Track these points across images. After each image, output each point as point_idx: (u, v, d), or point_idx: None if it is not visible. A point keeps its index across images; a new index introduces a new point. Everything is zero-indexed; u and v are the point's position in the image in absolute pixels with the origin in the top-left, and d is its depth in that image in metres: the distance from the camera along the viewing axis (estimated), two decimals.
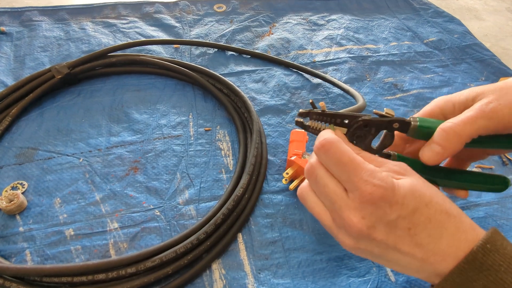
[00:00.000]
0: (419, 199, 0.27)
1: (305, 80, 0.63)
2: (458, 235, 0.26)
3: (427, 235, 0.27)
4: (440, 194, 0.28)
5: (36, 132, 0.51)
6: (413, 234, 0.27)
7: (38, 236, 0.41)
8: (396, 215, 0.26)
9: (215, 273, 0.39)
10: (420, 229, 0.27)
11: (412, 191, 0.27)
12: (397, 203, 0.26)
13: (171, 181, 0.47)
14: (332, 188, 0.29)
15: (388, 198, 0.26)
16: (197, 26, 0.73)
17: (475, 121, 0.30)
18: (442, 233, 0.26)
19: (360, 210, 0.27)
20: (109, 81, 0.60)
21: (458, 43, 0.74)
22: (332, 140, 0.28)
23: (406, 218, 0.26)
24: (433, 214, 0.27)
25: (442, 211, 0.27)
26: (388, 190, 0.26)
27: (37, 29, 0.68)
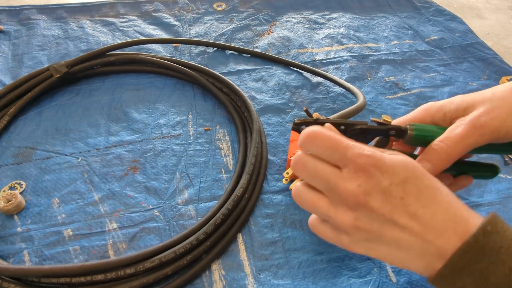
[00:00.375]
0: (410, 170, 0.28)
1: (306, 79, 0.63)
2: (453, 210, 0.27)
3: (421, 206, 0.27)
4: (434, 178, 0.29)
5: (34, 132, 0.51)
6: (407, 204, 0.27)
7: (36, 237, 0.41)
8: (389, 182, 0.28)
9: (215, 273, 0.39)
10: (413, 199, 0.27)
11: (402, 163, 0.28)
12: (387, 172, 0.28)
13: (170, 181, 0.47)
14: (323, 168, 0.30)
15: (379, 166, 0.28)
16: (197, 24, 0.73)
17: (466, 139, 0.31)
18: (436, 207, 0.27)
19: (356, 179, 0.28)
20: (107, 80, 0.60)
21: (460, 41, 0.74)
22: (317, 129, 0.30)
23: (399, 186, 0.28)
24: (425, 186, 0.28)
25: (434, 187, 0.28)
26: (378, 160, 0.28)
27: (35, 27, 0.68)
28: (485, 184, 0.49)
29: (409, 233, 0.27)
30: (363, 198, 0.28)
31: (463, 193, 0.48)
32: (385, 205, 0.28)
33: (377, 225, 0.28)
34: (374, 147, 0.31)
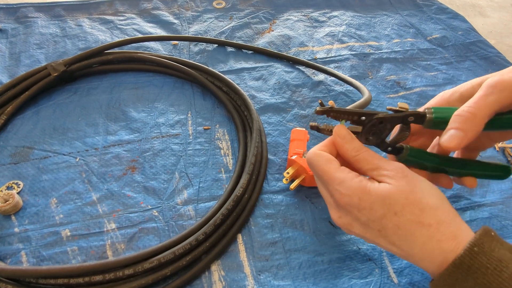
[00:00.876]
0: (388, 206, 0.29)
1: (306, 78, 0.63)
2: (431, 244, 0.28)
3: (398, 240, 0.30)
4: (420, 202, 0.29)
5: (31, 131, 0.51)
6: (385, 236, 0.30)
7: (34, 237, 0.41)
8: (366, 218, 0.30)
9: (215, 274, 0.39)
10: (390, 233, 0.30)
11: (382, 198, 0.29)
12: (364, 209, 0.30)
13: (170, 181, 0.47)
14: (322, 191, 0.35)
15: (355, 205, 0.30)
16: (196, 22, 0.73)
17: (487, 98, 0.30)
18: (413, 240, 0.29)
19: (337, 211, 0.33)
20: (106, 78, 0.60)
21: (462, 40, 0.74)
22: (310, 155, 0.34)
23: (376, 221, 0.30)
24: (403, 222, 0.29)
25: (413, 221, 0.29)
26: (353, 198, 0.30)
27: (32, 25, 0.68)
28: (487, 184, 0.49)
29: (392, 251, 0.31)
30: (345, 226, 0.33)
31: (465, 194, 0.48)
32: (365, 233, 0.32)
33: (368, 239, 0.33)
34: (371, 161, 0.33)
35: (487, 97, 0.30)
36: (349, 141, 0.34)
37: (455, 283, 0.27)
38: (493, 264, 0.26)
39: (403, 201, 0.29)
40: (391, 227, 0.29)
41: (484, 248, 0.26)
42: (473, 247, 0.26)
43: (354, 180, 0.31)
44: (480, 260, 0.26)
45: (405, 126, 0.35)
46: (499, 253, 0.26)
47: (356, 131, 0.35)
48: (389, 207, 0.29)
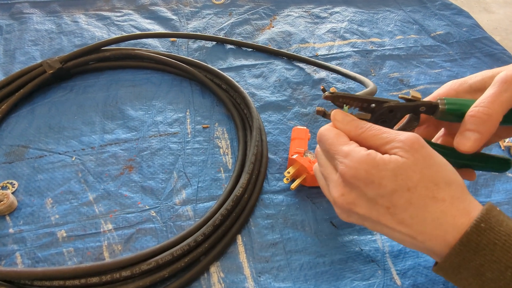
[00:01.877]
0: (400, 181, 0.28)
1: (307, 75, 0.63)
2: (445, 219, 0.27)
3: (409, 216, 0.28)
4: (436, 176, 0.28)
5: (26, 130, 0.51)
6: (393, 213, 0.28)
7: (29, 238, 0.41)
8: (374, 193, 0.28)
9: (214, 276, 0.39)
10: (400, 210, 0.28)
11: (394, 173, 0.28)
12: (373, 183, 0.28)
13: (168, 181, 0.47)
14: (326, 168, 0.33)
15: (362, 177, 0.28)
16: (195, 19, 0.73)
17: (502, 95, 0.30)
18: (425, 216, 0.27)
19: (341, 188, 0.31)
20: (103, 76, 0.59)
21: (467, 36, 0.74)
22: (321, 131, 0.33)
23: (385, 197, 0.28)
24: (416, 198, 0.28)
25: (427, 196, 0.28)
26: (360, 171, 0.28)
27: (27, 22, 0.68)
28: (492, 184, 0.49)
29: (399, 233, 0.29)
30: (347, 206, 0.31)
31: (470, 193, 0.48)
32: (371, 212, 0.30)
33: (368, 223, 0.31)
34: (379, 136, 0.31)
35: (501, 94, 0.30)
36: (349, 121, 0.33)
37: (461, 263, 0.26)
38: (501, 239, 0.25)
39: (418, 176, 0.28)
40: (403, 203, 0.28)
41: (491, 224, 0.26)
42: (479, 223, 0.26)
43: (361, 153, 0.29)
44: (488, 236, 0.25)
45: (415, 116, 0.35)
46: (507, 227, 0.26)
47: (364, 118, 0.34)
48: (401, 182, 0.28)
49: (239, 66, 0.63)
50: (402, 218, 0.28)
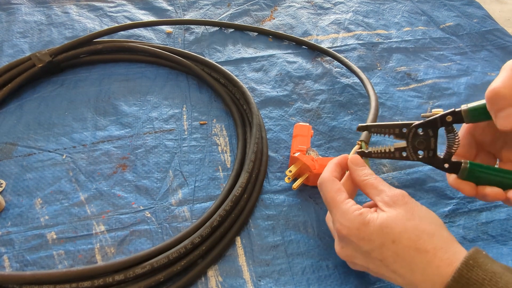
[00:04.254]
0: (386, 236, 0.32)
1: (310, 69, 0.62)
2: (430, 270, 0.30)
3: (400, 267, 0.32)
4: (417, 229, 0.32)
5: (14, 126, 0.51)
6: (386, 265, 0.32)
7: (17, 240, 0.41)
8: (367, 248, 0.33)
9: (211, 280, 0.39)
10: (391, 262, 0.32)
11: (380, 228, 0.32)
12: (363, 239, 0.33)
13: (163, 180, 0.47)
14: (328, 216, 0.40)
15: (354, 235, 0.33)
16: (191, 9, 0.72)
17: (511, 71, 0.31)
18: (413, 268, 0.31)
19: (339, 241, 0.36)
20: (94, 70, 0.59)
21: (478, 28, 0.74)
22: (322, 181, 0.38)
23: (375, 251, 0.33)
24: (401, 250, 0.31)
25: (410, 247, 0.31)
26: (353, 230, 0.33)
27: (16, 13, 0.68)
28: None
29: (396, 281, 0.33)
30: (348, 258, 0.36)
31: None
32: (368, 263, 0.34)
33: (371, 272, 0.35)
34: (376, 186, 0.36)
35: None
36: (361, 168, 0.38)
37: None
38: (488, 275, 0.28)
39: (400, 228, 0.32)
40: (391, 255, 0.32)
41: (478, 262, 0.29)
42: (468, 261, 0.29)
43: (355, 213, 0.34)
44: (477, 272, 0.28)
45: (450, 134, 0.36)
46: (492, 267, 0.29)
47: (402, 147, 0.38)
48: (386, 236, 0.32)
49: (238, 59, 0.63)
50: (394, 269, 0.32)
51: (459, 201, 0.47)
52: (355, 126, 0.53)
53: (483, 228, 0.44)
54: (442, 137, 0.36)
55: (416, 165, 0.50)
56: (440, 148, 0.37)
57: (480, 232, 0.44)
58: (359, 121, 0.55)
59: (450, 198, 0.47)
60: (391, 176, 0.49)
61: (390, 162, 0.50)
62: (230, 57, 0.63)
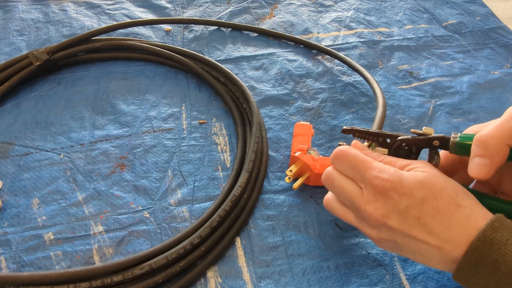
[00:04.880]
0: (427, 190, 0.32)
1: (310, 67, 0.62)
2: (468, 223, 0.31)
3: (437, 224, 0.32)
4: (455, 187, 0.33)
5: (11, 125, 0.51)
6: (423, 223, 0.32)
7: (14, 241, 0.41)
8: (406, 204, 0.32)
9: (211, 281, 0.39)
10: (429, 218, 0.32)
11: (421, 183, 0.32)
12: (405, 194, 0.32)
13: (162, 180, 0.47)
14: (348, 188, 0.36)
15: (397, 189, 0.32)
16: (191, 7, 0.72)
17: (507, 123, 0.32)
18: (451, 223, 0.31)
19: (374, 202, 0.34)
20: (92, 68, 0.59)
21: (481, 26, 0.73)
22: (344, 148, 0.36)
23: (416, 207, 0.32)
24: (442, 205, 0.32)
25: (451, 203, 0.32)
26: (395, 183, 0.32)
27: (12, 10, 0.68)
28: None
29: (428, 245, 0.32)
30: (381, 220, 0.34)
31: None
32: (403, 225, 0.33)
33: (399, 238, 0.34)
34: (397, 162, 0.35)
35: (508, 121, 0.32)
36: (368, 152, 0.37)
37: (478, 260, 0.30)
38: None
39: (440, 184, 0.32)
40: (431, 211, 0.32)
41: (503, 224, 0.30)
42: (493, 222, 0.30)
43: (394, 168, 0.34)
44: (501, 233, 0.29)
45: (433, 151, 0.37)
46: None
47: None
48: (429, 191, 0.32)
49: (238, 57, 0.63)
50: (431, 228, 0.32)
51: None
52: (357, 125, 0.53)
53: None
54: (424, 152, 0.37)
55: None
56: None
57: None
58: (360, 120, 0.55)
59: None
60: None
61: None
62: (230, 55, 0.63)
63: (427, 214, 0.32)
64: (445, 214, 0.31)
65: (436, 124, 0.55)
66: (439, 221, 0.31)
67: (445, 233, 0.31)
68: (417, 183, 0.32)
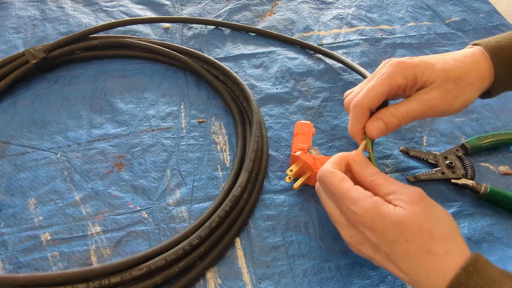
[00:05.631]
0: (400, 233, 0.32)
1: (311, 65, 0.62)
2: (436, 274, 0.31)
3: (407, 266, 0.32)
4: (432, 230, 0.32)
5: (8, 124, 0.51)
6: (393, 260, 0.33)
7: (11, 241, 0.41)
8: (377, 240, 0.33)
9: (210, 282, 0.39)
10: (399, 259, 0.32)
11: (395, 224, 0.32)
12: (376, 231, 0.33)
13: (160, 179, 0.47)
14: (330, 208, 0.38)
15: (367, 225, 0.33)
16: (190, 4, 0.72)
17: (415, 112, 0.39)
18: (419, 269, 0.31)
19: (348, 229, 0.36)
20: (90, 66, 0.59)
21: (484, 23, 0.73)
22: (323, 174, 0.37)
23: (386, 245, 0.32)
24: (412, 250, 0.31)
25: (422, 249, 0.31)
26: (366, 219, 0.33)
27: (9, 7, 0.67)
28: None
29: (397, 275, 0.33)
30: (355, 246, 0.36)
31: None
32: (375, 255, 0.34)
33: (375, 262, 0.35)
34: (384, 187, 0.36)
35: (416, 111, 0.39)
36: (365, 167, 0.37)
37: None
38: (487, 283, 0.28)
39: (415, 228, 0.32)
40: (401, 253, 0.32)
41: (478, 268, 0.29)
42: (468, 267, 0.29)
43: (368, 201, 0.33)
44: (476, 280, 0.29)
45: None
46: (492, 274, 0.29)
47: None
48: (401, 233, 0.32)
49: (237, 55, 0.63)
50: (400, 267, 0.32)
51: (463, 203, 0.46)
52: None
53: (488, 230, 0.44)
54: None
55: (418, 167, 0.50)
56: None
57: (485, 233, 0.44)
58: None
59: (454, 201, 0.47)
60: (394, 177, 0.49)
61: (393, 163, 0.50)
62: (230, 53, 0.63)
63: (397, 254, 0.32)
64: (414, 259, 0.31)
65: (439, 123, 0.55)
66: (408, 264, 0.32)
67: (413, 275, 0.32)
68: (390, 223, 0.32)
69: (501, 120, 0.56)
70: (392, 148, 0.52)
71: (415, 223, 0.32)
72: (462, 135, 0.54)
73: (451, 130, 0.54)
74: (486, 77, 0.40)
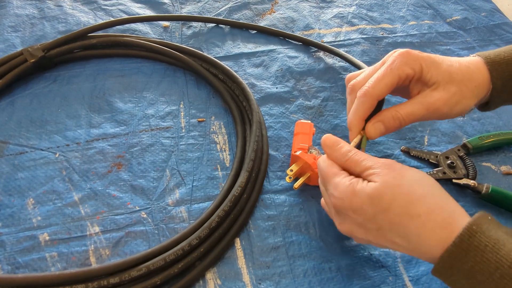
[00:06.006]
0: (377, 205, 0.32)
1: (312, 64, 0.62)
2: (425, 234, 0.30)
3: (396, 236, 0.32)
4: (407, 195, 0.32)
5: (6, 124, 0.51)
6: (383, 234, 0.33)
7: (9, 242, 0.40)
8: (362, 219, 0.33)
9: (210, 283, 0.39)
10: (387, 230, 0.32)
11: (370, 198, 0.32)
12: (357, 210, 0.33)
13: (160, 179, 0.47)
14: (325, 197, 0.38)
15: (348, 207, 0.33)
16: (189, 3, 0.72)
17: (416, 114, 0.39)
18: (408, 234, 0.31)
19: (337, 217, 0.36)
20: (89, 65, 0.59)
21: (486, 22, 0.73)
22: (319, 161, 0.38)
23: (371, 221, 0.33)
24: (393, 217, 0.31)
25: (402, 214, 0.31)
26: (346, 201, 0.33)
27: (7, 6, 0.67)
28: None
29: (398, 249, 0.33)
30: (348, 232, 0.36)
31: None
32: (367, 235, 0.34)
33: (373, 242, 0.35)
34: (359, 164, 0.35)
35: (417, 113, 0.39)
36: (336, 149, 0.37)
37: (454, 264, 0.29)
38: (491, 242, 0.28)
39: (389, 196, 0.32)
40: (386, 224, 0.32)
41: (482, 228, 0.29)
42: (471, 226, 0.29)
43: (346, 184, 0.34)
44: (479, 238, 0.28)
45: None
46: (496, 233, 0.29)
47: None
48: (377, 205, 0.32)
49: (237, 54, 0.63)
50: (391, 238, 0.32)
51: (464, 204, 0.47)
52: None
53: None
54: None
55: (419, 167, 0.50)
56: None
57: None
58: None
59: None
60: None
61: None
62: (229, 52, 0.63)
63: (383, 226, 0.32)
64: (400, 227, 0.31)
65: (440, 123, 0.55)
66: (396, 234, 0.32)
67: (406, 243, 0.31)
68: (366, 198, 0.32)
69: (502, 119, 0.56)
70: (393, 148, 0.52)
71: (387, 192, 0.32)
72: (463, 134, 0.54)
73: (453, 130, 0.54)
74: (486, 87, 0.40)
